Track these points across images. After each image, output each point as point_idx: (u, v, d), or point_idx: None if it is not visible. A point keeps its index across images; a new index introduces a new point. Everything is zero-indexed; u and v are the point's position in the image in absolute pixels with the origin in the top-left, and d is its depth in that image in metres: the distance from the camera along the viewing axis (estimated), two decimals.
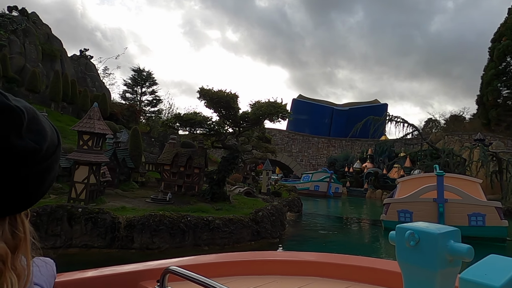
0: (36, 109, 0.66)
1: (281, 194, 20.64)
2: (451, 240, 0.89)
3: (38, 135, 0.61)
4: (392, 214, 15.49)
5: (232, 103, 12.88)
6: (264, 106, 13.07)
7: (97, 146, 10.92)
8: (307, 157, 50.17)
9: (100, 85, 39.67)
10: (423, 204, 14.77)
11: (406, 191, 15.79)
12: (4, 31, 28.39)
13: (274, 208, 13.09)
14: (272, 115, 13.73)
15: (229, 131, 16.49)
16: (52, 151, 0.65)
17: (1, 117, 0.55)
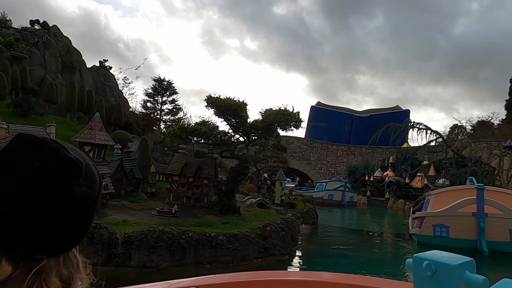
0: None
1: (295, 205, 19.82)
2: (467, 271, 0.95)
3: (91, 181, 0.67)
4: (426, 228, 14.83)
5: (239, 111, 12.33)
6: (274, 115, 12.44)
7: (99, 157, 10.61)
8: (326, 165, 48.98)
9: (119, 95, 40.25)
10: (461, 219, 13.94)
11: (441, 204, 15.04)
12: (26, 44, 29.26)
13: (285, 222, 12.34)
14: (282, 124, 13.06)
15: (240, 140, 15.94)
16: (99, 191, 0.69)
17: (65, 169, 0.62)
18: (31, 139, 0.63)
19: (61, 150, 0.64)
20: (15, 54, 26.79)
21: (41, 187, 0.61)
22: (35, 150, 0.62)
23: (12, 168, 0.61)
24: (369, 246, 15.63)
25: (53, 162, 0.62)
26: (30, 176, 0.60)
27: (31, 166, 0.61)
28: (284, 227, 11.91)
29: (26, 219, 0.60)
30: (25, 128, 13.50)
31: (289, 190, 25.64)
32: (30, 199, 0.60)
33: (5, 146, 0.63)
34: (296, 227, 14.10)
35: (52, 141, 0.65)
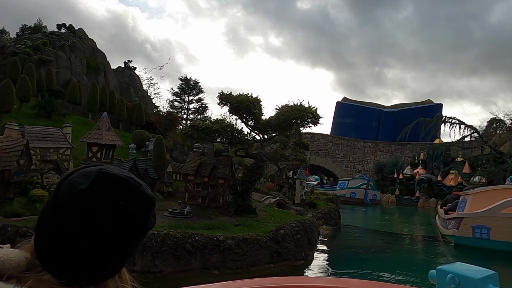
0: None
1: (316, 205, 19.01)
2: (490, 284, 0.97)
3: (154, 211, 0.76)
4: (465, 230, 13.99)
5: (252, 108, 11.76)
6: (288, 111, 11.76)
7: (107, 158, 10.42)
8: (352, 163, 47.47)
9: (143, 95, 40.81)
10: (504, 220, 13.01)
11: (480, 204, 14.09)
12: (53, 47, 30.16)
13: (300, 224, 11.66)
14: (298, 120, 12.35)
15: (256, 138, 15.39)
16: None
17: (144, 207, 0.71)
18: (113, 177, 0.69)
19: (140, 188, 0.71)
20: (42, 58, 27.61)
21: (125, 223, 0.68)
22: (118, 188, 0.69)
23: (97, 205, 0.67)
24: (398, 250, 14.55)
25: (135, 200, 0.70)
26: (114, 212, 0.68)
27: (116, 204, 0.68)
28: (299, 229, 11.23)
29: (108, 251, 0.68)
30: (41, 130, 13.63)
31: (311, 188, 24.81)
32: (113, 233, 0.68)
33: (89, 185, 0.67)
34: (315, 228, 13.37)
35: (131, 179, 0.71)
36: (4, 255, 0.69)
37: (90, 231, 0.66)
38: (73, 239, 0.66)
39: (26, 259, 0.71)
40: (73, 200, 0.67)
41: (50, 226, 0.69)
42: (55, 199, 0.70)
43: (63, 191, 0.70)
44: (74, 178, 0.70)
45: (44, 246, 0.69)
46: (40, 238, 0.71)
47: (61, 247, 0.67)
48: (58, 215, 0.68)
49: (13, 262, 0.69)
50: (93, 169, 0.71)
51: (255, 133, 14.87)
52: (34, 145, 12.98)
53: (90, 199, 0.66)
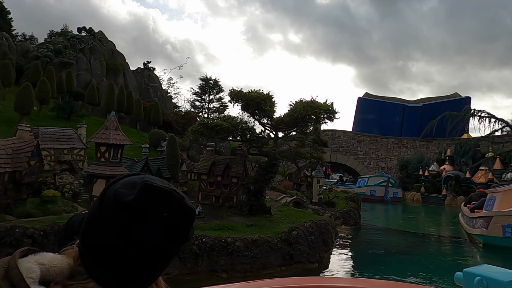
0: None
1: (335, 204, 18.36)
2: None
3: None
4: (495, 229, 13.46)
5: (263, 104, 11.36)
6: (300, 108, 11.26)
7: (115, 158, 10.28)
8: (375, 160, 46.11)
9: (162, 95, 41.20)
10: None
11: (510, 202, 13.50)
12: (73, 50, 30.86)
13: (315, 225, 11.14)
14: (312, 116, 11.83)
15: (271, 136, 14.97)
16: None
17: (188, 219, 0.73)
18: (158, 190, 0.70)
19: (183, 201, 0.73)
20: (63, 61, 28.28)
21: (169, 235, 0.70)
22: (162, 201, 0.70)
23: (143, 217, 0.68)
24: (422, 251, 13.70)
25: (179, 212, 0.71)
26: (159, 225, 0.69)
27: (160, 216, 0.69)
28: (313, 230, 10.72)
29: (152, 262, 0.70)
30: (55, 130, 13.76)
31: (329, 186, 24.11)
32: (159, 245, 0.69)
33: (134, 196, 0.68)
34: (331, 229, 12.81)
35: (175, 191, 0.73)
36: (49, 262, 0.72)
37: (136, 242, 0.68)
38: (119, 249, 0.68)
39: (69, 265, 0.73)
40: (118, 212, 0.69)
41: (96, 235, 0.71)
42: (100, 209, 0.72)
43: (108, 201, 0.71)
44: (119, 189, 0.71)
45: (89, 254, 0.71)
46: (85, 247, 0.72)
47: (106, 256, 0.69)
48: (104, 226, 0.70)
49: (57, 268, 0.71)
50: (136, 180, 0.72)
51: (269, 131, 14.47)
52: (49, 146, 13.13)
53: (136, 211, 0.68)
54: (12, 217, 10.13)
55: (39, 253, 0.74)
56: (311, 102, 11.58)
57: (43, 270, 0.69)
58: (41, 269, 0.69)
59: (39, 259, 0.72)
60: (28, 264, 0.69)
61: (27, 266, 0.68)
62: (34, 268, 0.68)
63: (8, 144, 10.21)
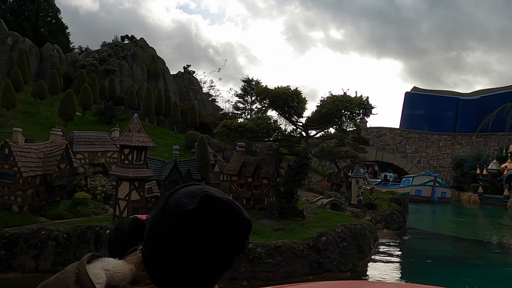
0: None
1: (376, 206, 17.07)
2: None
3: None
4: None
5: (290, 101, 10.66)
6: (330, 103, 10.41)
7: (139, 160, 10.21)
8: (425, 158, 43.03)
9: (202, 97, 41.82)
10: None
11: None
12: (117, 57, 32.29)
13: (348, 230, 10.23)
14: (343, 112, 10.92)
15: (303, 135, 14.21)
16: None
17: (245, 230, 0.74)
18: (218, 201, 0.71)
19: (240, 212, 0.73)
20: (107, 68, 29.66)
21: (227, 246, 0.71)
22: (221, 211, 0.71)
23: (202, 226, 0.70)
24: (480, 261, 12.00)
25: (236, 223, 0.72)
26: (218, 235, 0.70)
27: (219, 227, 0.70)
28: (346, 236, 9.83)
29: (211, 271, 0.72)
30: (89, 134, 14.17)
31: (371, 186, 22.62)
32: (217, 255, 0.71)
33: (195, 205, 0.70)
34: (369, 234, 11.77)
35: (233, 202, 0.74)
36: (113, 268, 0.75)
37: (195, 251, 0.70)
38: (180, 257, 0.70)
39: (131, 271, 0.76)
40: (180, 221, 0.71)
41: (158, 243, 0.73)
42: (163, 217, 0.73)
43: (170, 210, 0.73)
44: (180, 198, 0.72)
45: (152, 261, 0.74)
46: (149, 253, 0.75)
47: (168, 263, 0.72)
48: (165, 233, 0.72)
49: (120, 274, 0.74)
50: (196, 190, 0.74)
51: (301, 129, 13.72)
52: (83, 149, 13.55)
53: (196, 220, 0.70)
54: (45, 218, 10.46)
55: (102, 259, 0.78)
56: (341, 97, 10.68)
57: (108, 276, 0.73)
58: (106, 274, 0.73)
59: (104, 265, 0.75)
60: (95, 270, 0.72)
61: (95, 272, 0.72)
62: (101, 274, 0.72)
63: (40, 148, 10.56)
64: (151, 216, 0.80)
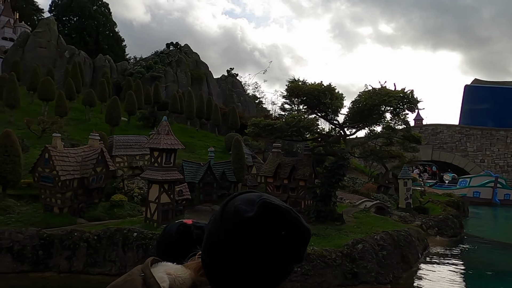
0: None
1: (428, 210, 15.54)
2: None
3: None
4: None
5: (323, 97, 9.97)
6: (365, 97, 9.56)
7: (168, 162, 10.18)
8: (490, 157, 39.09)
9: (245, 100, 41.96)
10: None
11: None
12: (162, 64, 33.54)
13: (389, 237, 9.27)
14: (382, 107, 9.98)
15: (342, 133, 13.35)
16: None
17: (304, 239, 0.74)
18: (276, 208, 0.71)
19: (299, 220, 0.73)
20: (153, 75, 30.91)
21: (285, 254, 0.71)
22: (281, 219, 0.71)
23: (263, 235, 0.70)
24: None
25: (295, 231, 0.72)
26: (277, 243, 0.70)
27: (278, 235, 0.70)
28: (386, 244, 8.89)
29: (268, 278, 0.72)
30: (128, 138, 14.60)
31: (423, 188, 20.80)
32: (274, 263, 0.71)
33: (255, 213, 0.70)
34: (416, 242, 10.63)
35: (292, 210, 0.73)
36: (175, 272, 0.77)
37: (255, 259, 0.70)
38: (238, 264, 0.71)
39: (190, 275, 0.78)
40: (239, 228, 0.71)
41: (218, 249, 0.73)
42: (222, 223, 0.74)
43: (229, 217, 0.73)
44: (239, 206, 0.73)
45: (212, 266, 0.75)
46: (208, 259, 0.76)
47: (228, 270, 0.72)
48: (226, 240, 0.72)
49: (181, 279, 0.76)
50: (254, 197, 0.74)
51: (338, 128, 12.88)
52: (122, 153, 13.98)
53: (256, 228, 0.70)
54: (84, 220, 10.86)
55: (162, 263, 0.80)
56: (378, 90, 9.74)
57: (170, 280, 0.74)
58: (168, 278, 0.74)
59: (167, 269, 0.77)
60: (160, 274, 0.74)
61: (159, 276, 0.74)
62: (165, 277, 0.74)
63: (78, 152, 11.00)
64: (209, 221, 0.80)
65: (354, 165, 28.28)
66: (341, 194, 21.07)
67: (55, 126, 17.42)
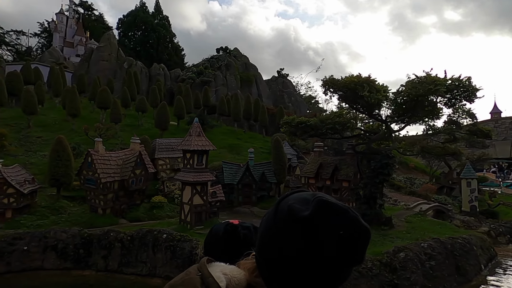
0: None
1: (498, 214, 13.55)
2: None
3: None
4: None
5: (360, 90, 9.14)
6: (408, 87, 8.52)
7: (200, 164, 10.12)
8: None
9: (296, 100, 41.23)
10: None
11: None
12: (212, 69, 34.36)
13: (441, 245, 8.13)
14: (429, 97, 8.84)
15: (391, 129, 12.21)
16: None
17: (363, 237, 0.69)
18: (333, 207, 0.68)
19: (358, 219, 0.69)
20: (203, 80, 31.81)
21: (344, 254, 0.68)
22: (338, 218, 0.68)
23: (317, 233, 0.67)
24: None
25: (354, 231, 0.68)
26: (334, 243, 0.67)
27: (336, 234, 0.67)
28: (436, 252, 7.80)
29: (326, 279, 0.69)
30: (170, 141, 14.97)
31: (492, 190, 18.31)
32: (332, 264, 0.68)
33: (310, 212, 0.68)
34: (479, 251, 9.24)
35: (349, 209, 0.70)
36: (230, 272, 0.77)
37: (312, 260, 0.68)
38: (296, 265, 0.69)
39: (245, 276, 0.77)
40: (294, 227, 0.69)
41: (271, 248, 0.72)
42: (275, 223, 0.73)
43: (283, 216, 0.72)
44: (293, 204, 0.71)
45: (267, 268, 0.74)
46: (263, 259, 0.75)
47: (282, 270, 0.71)
48: (279, 240, 0.71)
49: (236, 279, 0.76)
50: (308, 196, 0.72)
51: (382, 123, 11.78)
52: (164, 155, 14.37)
53: (311, 227, 0.68)
54: (125, 220, 11.30)
55: (216, 263, 0.80)
56: (423, 78, 8.60)
57: (226, 280, 0.74)
58: (225, 278, 0.74)
59: (222, 269, 0.77)
60: (217, 273, 0.74)
61: (217, 275, 0.74)
62: (222, 277, 0.74)
63: (120, 155, 11.48)
64: (261, 221, 0.78)
65: (414, 164, 26.02)
66: (396, 195, 19.45)
67: (109, 132, 18.63)
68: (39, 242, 8.95)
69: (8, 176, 10.09)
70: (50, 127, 19.64)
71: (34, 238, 9.00)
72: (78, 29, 55.01)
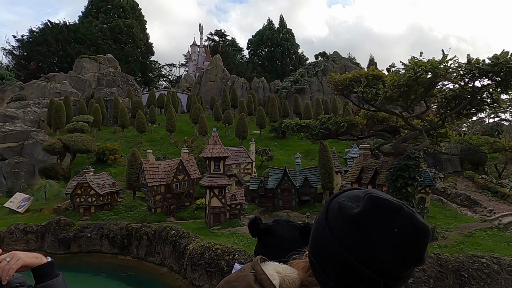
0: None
1: None
2: None
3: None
4: None
5: (355, 86, 8.53)
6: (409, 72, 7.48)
7: (217, 169, 11.03)
8: None
9: None
10: None
11: None
12: (308, 76, 34.68)
13: (437, 263, 6.76)
14: (433, 83, 7.57)
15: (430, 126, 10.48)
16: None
17: (421, 234, 0.67)
18: (385, 203, 0.67)
19: (414, 215, 0.67)
20: (297, 88, 32.52)
21: (401, 253, 0.65)
22: (391, 215, 0.66)
23: (373, 232, 0.65)
24: None
25: (410, 229, 0.66)
26: (388, 241, 0.65)
27: (390, 232, 0.65)
28: (443, 270, 6.58)
29: (383, 282, 0.66)
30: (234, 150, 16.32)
31: None
32: (389, 262, 0.64)
33: (362, 209, 0.67)
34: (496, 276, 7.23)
35: (404, 205, 0.68)
36: (283, 271, 0.77)
37: (366, 259, 0.65)
38: (349, 264, 0.66)
39: (299, 275, 0.77)
40: (346, 224, 0.67)
41: (323, 248, 0.71)
42: (326, 222, 0.71)
43: (334, 214, 0.70)
44: (344, 202, 0.70)
45: (320, 267, 0.71)
46: (316, 259, 0.73)
47: (337, 271, 0.68)
48: (332, 239, 0.69)
49: (290, 278, 0.76)
50: (360, 193, 0.70)
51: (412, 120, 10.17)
52: None
53: (364, 224, 0.66)
54: (173, 219, 13.17)
55: (269, 262, 0.79)
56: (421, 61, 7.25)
57: (279, 278, 0.74)
58: (278, 277, 0.74)
59: (275, 268, 0.77)
60: (270, 271, 0.75)
61: (270, 273, 0.74)
62: (275, 275, 0.74)
63: (169, 164, 13.52)
64: (314, 221, 0.77)
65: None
66: (495, 205, 15.69)
67: (194, 144, 21.47)
68: (98, 232, 11.60)
69: (91, 181, 13.28)
70: (155, 142, 23.97)
71: (95, 228, 11.70)
72: (207, 55, 63.65)
